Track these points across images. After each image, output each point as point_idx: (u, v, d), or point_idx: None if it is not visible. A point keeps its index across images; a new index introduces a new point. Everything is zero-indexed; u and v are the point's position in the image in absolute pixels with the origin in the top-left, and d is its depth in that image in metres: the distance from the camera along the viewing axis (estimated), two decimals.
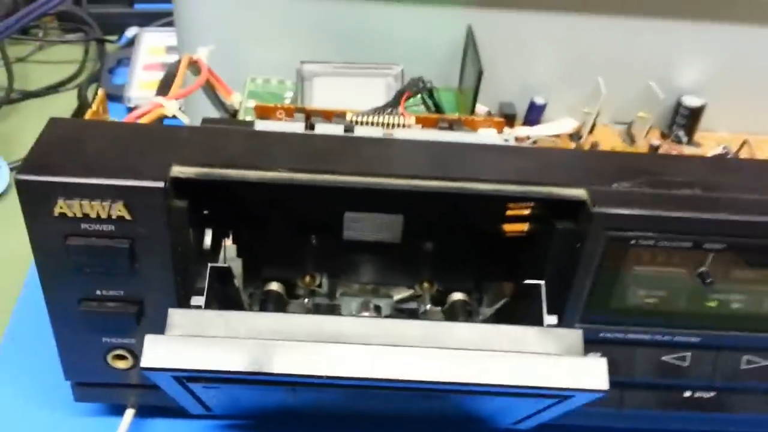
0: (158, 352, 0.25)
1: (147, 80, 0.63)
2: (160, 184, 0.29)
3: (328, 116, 0.37)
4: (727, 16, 0.50)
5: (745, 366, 0.34)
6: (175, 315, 0.27)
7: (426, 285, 0.38)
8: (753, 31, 0.51)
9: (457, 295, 0.38)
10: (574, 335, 0.28)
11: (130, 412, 0.36)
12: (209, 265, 0.31)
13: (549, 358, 0.27)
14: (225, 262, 0.38)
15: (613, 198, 0.30)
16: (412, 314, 0.38)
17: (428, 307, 0.38)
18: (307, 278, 0.38)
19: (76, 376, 0.35)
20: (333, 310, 0.38)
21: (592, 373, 0.27)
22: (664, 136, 0.53)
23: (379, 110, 0.37)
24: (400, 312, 0.39)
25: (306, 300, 0.38)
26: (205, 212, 0.34)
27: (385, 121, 0.36)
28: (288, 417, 0.37)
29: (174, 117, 0.35)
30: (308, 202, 0.33)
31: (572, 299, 0.33)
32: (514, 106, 0.54)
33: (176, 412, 0.36)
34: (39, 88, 0.65)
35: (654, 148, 0.51)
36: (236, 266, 0.37)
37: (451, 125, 0.38)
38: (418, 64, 0.50)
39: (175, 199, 0.30)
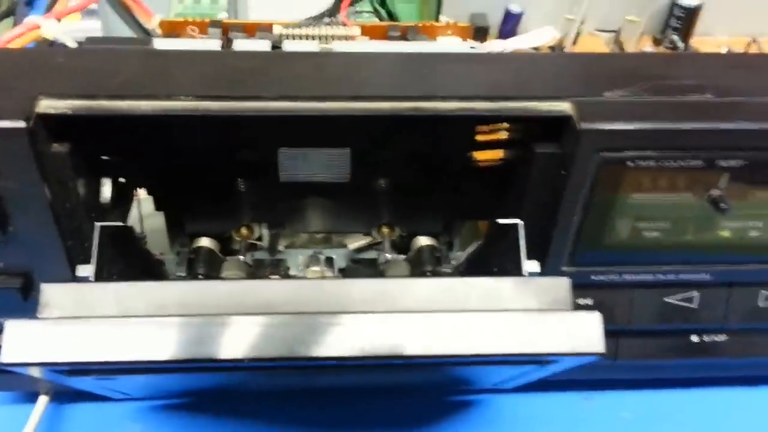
0: (21, 343, 0.20)
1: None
2: (22, 124, 0.22)
3: (251, 30, 0.30)
4: None
5: (763, 303, 0.29)
6: (51, 291, 0.21)
7: (385, 230, 0.32)
8: None
9: (423, 240, 0.32)
10: (561, 285, 0.23)
11: (43, 400, 0.31)
12: (96, 224, 0.24)
13: (528, 316, 0.22)
14: (141, 219, 0.31)
15: (604, 110, 0.24)
16: (371, 265, 0.33)
17: (390, 255, 0.32)
18: (244, 230, 0.32)
19: None
20: (276, 265, 0.32)
21: (583, 333, 0.21)
22: (657, 42, 0.47)
23: (314, 20, 0.30)
24: (357, 263, 0.33)
25: (243, 256, 0.32)
26: (104, 158, 0.28)
27: (323, 33, 0.29)
28: (227, 394, 0.32)
29: (55, 41, 0.28)
30: (231, 138, 0.27)
31: (558, 238, 0.27)
32: (487, 16, 0.46)
33: (96, 396, 0.30)
34: None
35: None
36: (157, 222, 0.31)
37: (405, 34, 0.31)
38: None
39: (50, 143, 0.24)
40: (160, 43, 0.28)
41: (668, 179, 0.25)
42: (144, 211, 0.31)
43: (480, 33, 0.46)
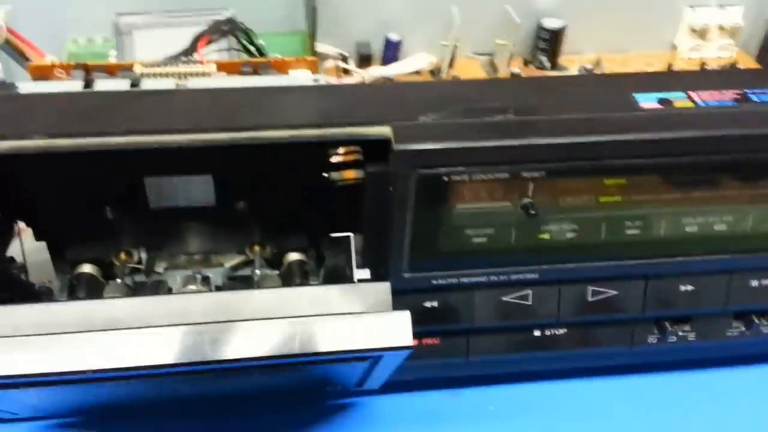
0: None
1: None
2: None
3: (113, 71, 0.33)
4: None
5: (591, 298, 0.32)
6: None
7: (257, 248, 0.35)
8: None
9: (293, 256, 0.35)
10: (380, 289, 0.26)
11: None
12: None
13: (348, 318, 0.24)
14: (23, 249, 0.33)
15: (417, 133, 0.27)
16: (247, 282, 0.35)
17: (260, 272, 0.34)
18: (123, 255, 0.34)
19: None
20: (156, 287, 0.35)
21: (393, 330, 0.24)
22: (528, 63, 0.50)
23: (172, 59, 0.33)
24: (234, 281, 0.36)
25: (122, 280, 0.34)
26: None
27: (180, 71, 0.32)
28: (111, 411, 0.34)
29: None
30: (93, 170, 0.29)
31: (396, 248, 0.30)
32: (370, 45, 0.50)
33: None
34: None
35: (516, 77, 0.48)
36: (40, 251, 0.33)
37: (257, 69, 0.34)
38: (255, 8, 0.46)
39: None
40: (27, 87, 0.31)
41: (482, 190, 0.28)
42: (24, 242, 0.33)
43: (365, 60, 0.50)
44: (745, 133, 0.28)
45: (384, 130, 0.28)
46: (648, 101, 0.29)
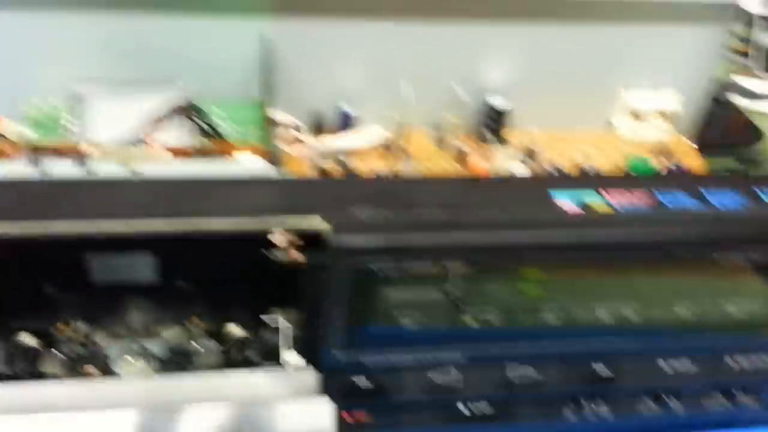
0: None
1: None
2: None
3: (63, 152, 0.34)
4: (525, 15, 0.51)
5: (514, 377, 0.34)
6: None
7: (197, 321, 0.36)
8: (552, 29, 0.51)
9: (233, 329, 0.36)
10: (306, 376, 0.27)
11: None
12: None
13: (269, 404, 0.26)
14: None
15: (351, 226, 0.29)
16: (185, 354, 0.36)
17: (199, 346, 0.35)
18: (61, 325, 0.35)
19: None
20: (96, 357, 0.35)
21: (315, 417, 0.26)
22: (476, 137, 0.53)
23: (127, 143, 0.35)
24: (174, 353, 0.36)
25: (65, 350, 0.35)
26: None
27: (129, 154, 0.34)
28: None
29: None
30: (37, 248, 0.30)
31: (330, 329, 0.31)
32: (323, 115, 0.52)
33: None
34: None
35: (460, 152, 0.50)
36: None
37: (206, 153, 0.36)
38: (212, 77, 0.47)
39: None
40: None
41: (411, 279, 0.30)
42: None
43: (318, 130, 0.51)
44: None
45: (317, 222, 0.29)
46: (566, 200, 0.31)
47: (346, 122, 0.52)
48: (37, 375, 0.34)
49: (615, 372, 0.34)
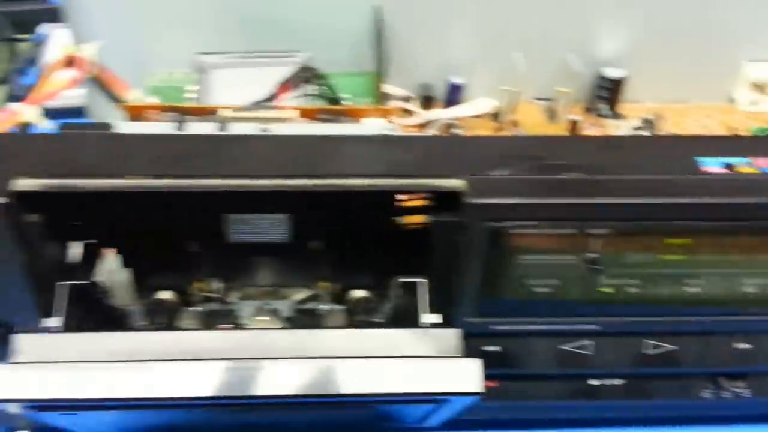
0: None
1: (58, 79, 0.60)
2: (1, 200, 0.27)
3: (201, 114, 0.35)
4: None
5: (649, 351, 0.33)
6: (20, 340, 0.26)
7: (323, 284, 0.37)
8: None
9: (358, 293, 0.37)
10: (451, 335, 0.27)
11: None
12: (62, 283, 0.29)
13: (419, 362, 0.26)
14: (108, 275, 0.36)
15: (489, 187, 0.29)
16: (313, 315, 0.37)
17: (328, 307, 0.36)
18: (199, 284, 0.36)
19: None
20: (228, 315, 0.37)
21: (465, 376, 0.26)
22: (588, 110, 0.52)
23: (258, 105, 0.35)
24: (301, 313, 0.37)
25: (199, 307, 0.36)
26: (76, 223, 0.32)
27: (262, 116, 0.34)
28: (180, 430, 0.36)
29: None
30: (180, 207, 0.32)
31: (461, 293, 0.31)
32: (432, 87, 0.52)
33: None
34: None
35: (573, 124, 0.49)
36: (124, 278, 0.36)
37: (335, 116, 0.36)
38: (326, 49, 0.48)
39: (25, 214, 0.28)
40: (123, 127, 0.33)
41: (549, 244, 0.30)
42: (111, 268, 0.35)
43: (427, 101, 0.51)
44: None
45: (457, 183, 0.29)
46: (712, 165, 0.30)
47: (455, 94, 0.52)
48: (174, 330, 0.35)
49: (758, 350, 0.33)
